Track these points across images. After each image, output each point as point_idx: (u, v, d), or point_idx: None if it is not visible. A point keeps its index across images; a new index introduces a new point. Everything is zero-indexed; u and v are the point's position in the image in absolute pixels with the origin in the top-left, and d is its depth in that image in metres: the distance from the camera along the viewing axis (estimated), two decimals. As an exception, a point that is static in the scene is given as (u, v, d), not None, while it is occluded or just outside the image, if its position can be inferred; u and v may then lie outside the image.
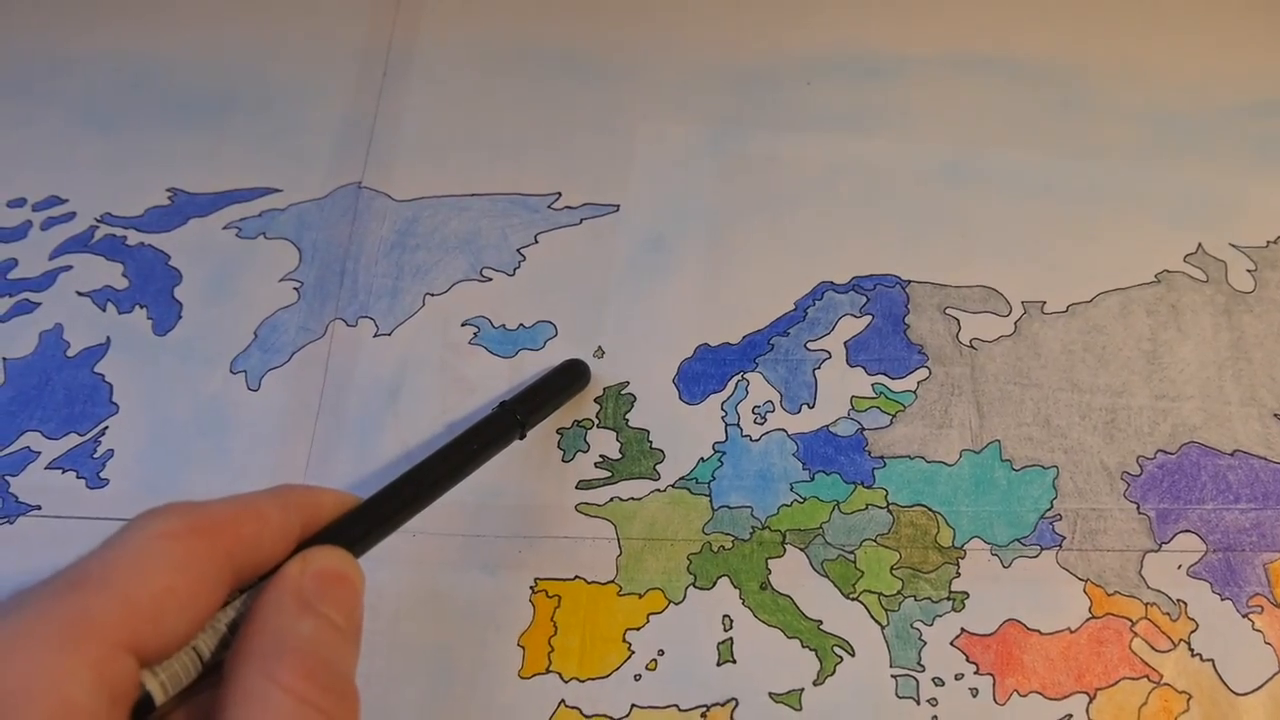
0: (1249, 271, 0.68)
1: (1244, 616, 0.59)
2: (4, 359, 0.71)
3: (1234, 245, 0.69)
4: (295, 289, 0.71)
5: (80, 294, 0.73)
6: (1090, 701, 0.57)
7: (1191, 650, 0.58)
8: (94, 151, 0.78)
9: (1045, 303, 0.68)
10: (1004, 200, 0.71)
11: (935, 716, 0.57)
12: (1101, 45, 0.78)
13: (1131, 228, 0.70)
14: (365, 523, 0.42)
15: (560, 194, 0.73)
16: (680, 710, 0.59)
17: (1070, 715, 0.57)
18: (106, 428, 0.68)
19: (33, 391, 0.69)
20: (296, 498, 0.38)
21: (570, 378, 0.65)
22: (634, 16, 0.81)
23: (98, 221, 0.75)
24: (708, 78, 0.78)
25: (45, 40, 0.83)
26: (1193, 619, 0.59)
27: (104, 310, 0.72)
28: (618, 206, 0.72)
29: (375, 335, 0.69)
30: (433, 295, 0.70)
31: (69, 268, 0.74)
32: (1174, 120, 0.75)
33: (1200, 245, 0.69)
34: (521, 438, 0.60)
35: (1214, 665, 0.58)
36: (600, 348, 0.68)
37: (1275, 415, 0.64)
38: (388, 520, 0.45)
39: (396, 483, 0.49)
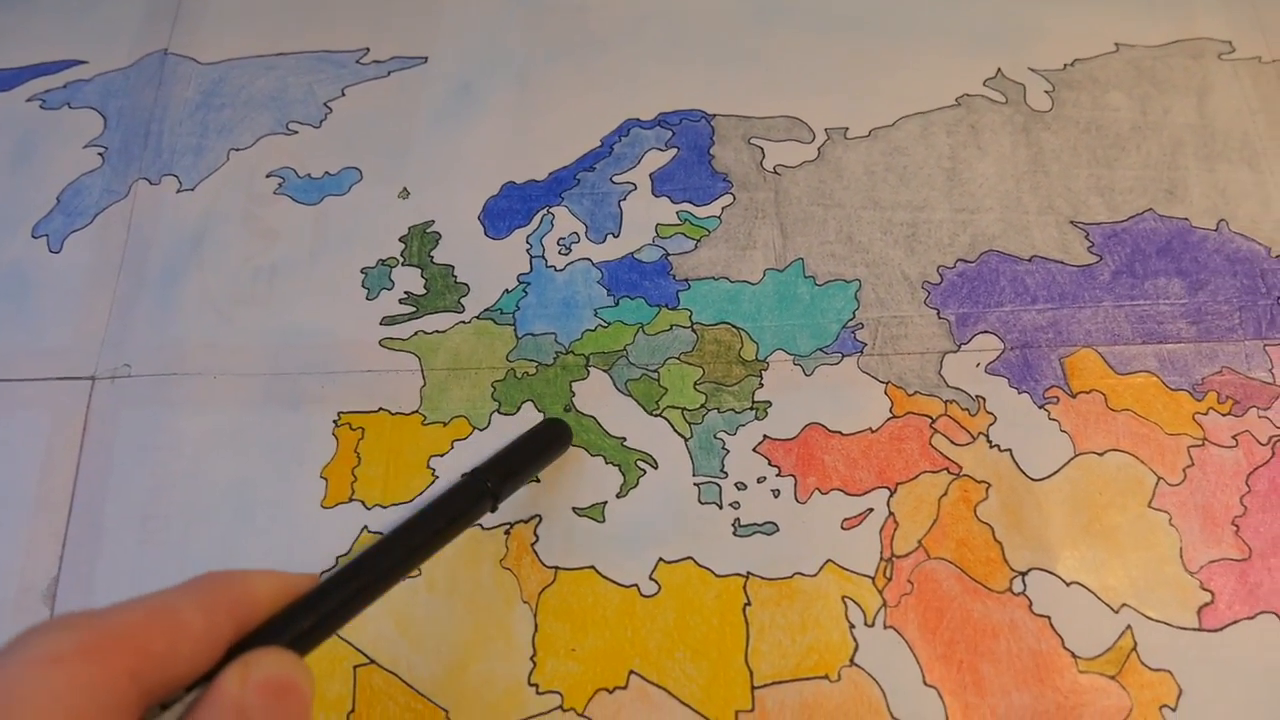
0: (1046, 93, 0.70)
1: (1040, 408, 0.60)
2: None
3: (1032, 69, 0.70)
4: (99, 154, 0.70)
5: (-124, 171, 0.71)
6: (891, 495, 0.58)
7: (990, 442, 0.59)
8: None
9: (848, 129, 0.68)
10: (808, 35, 0.72)
11: (738, 518, 0.58)
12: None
13: (932, 55, 0.71)
14: (314, 614, 0.34)
15: (368, 49, 0.73)
16: (484, 529, 0.58)
17: (871, 509, 0.58)
18: (-98, 297, 0.66)
19: None
20: (222, 591, 0.31)
21: (548, 439, 0.57)
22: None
23: (-106, 100, 0.73)
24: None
25: None
26: (991, 413, 0.60)
27: (-100, 186, 0.70)
28: (426, 58, 0.72)
29: (179, 191, 0.68)
30: (237, 150, 0.69)
31: None
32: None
33: (1000, 70, 0.70)
34: (493, 510, 0.51)
35: (1012, 455, 0.59)
36: (405, 189, 0.67)
37: (1071, 222, 0.65)
38: (340, 610, 0.36)
39: (351, 566, 0.39)
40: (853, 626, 0.55)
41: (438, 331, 0.62)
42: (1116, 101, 0.69)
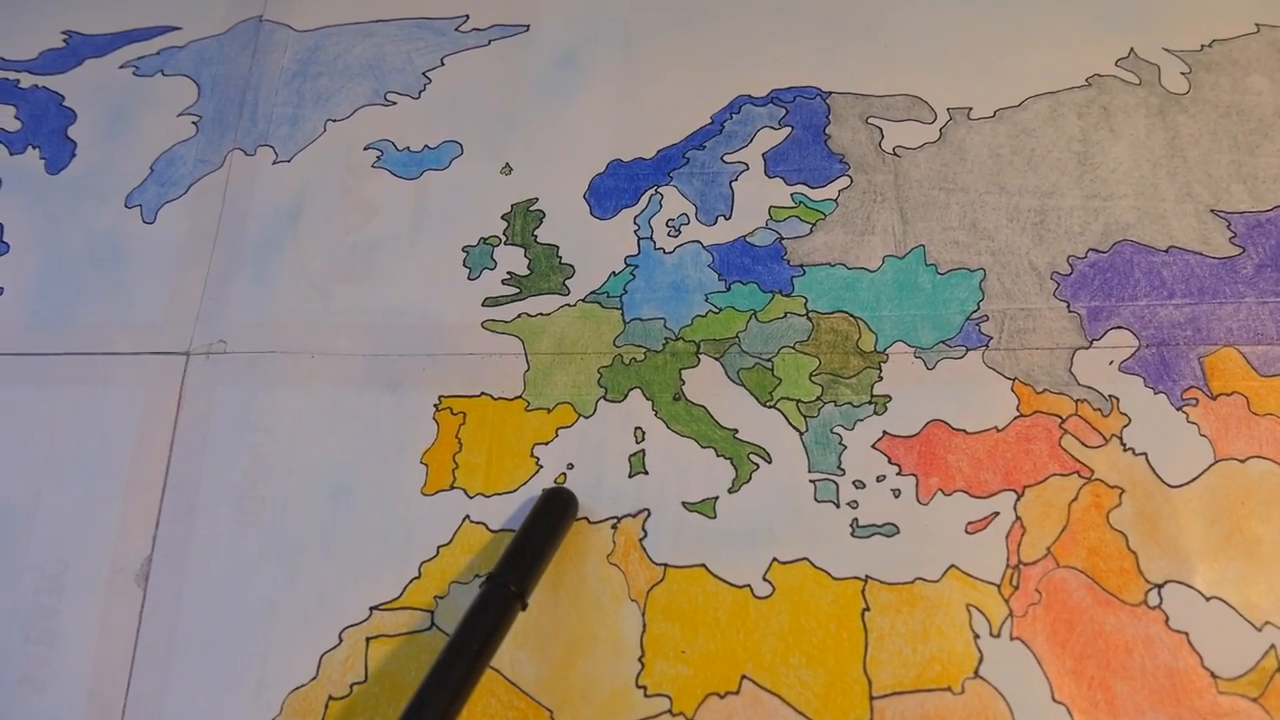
0: (1183, 74, 0.66)
1: (1178, 410, 0.57)
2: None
3: (1167, 49, 0.67)
4: (193, 123, 0.69)
5: (-31, 136, 0.70)
6: (1018, 499, 0.55)
7: (1124, 445, 0.56)
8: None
9: (972, 109, 0.65)
10: (930, 9, 0.69)
11: (856, 519, 0.55)
12: None
13: (1061, 33, 0.67)
14: None
15: (468, 16, 0.70)
16: (590, 523, 0.56)
17: (997, 513, 0.55)
18: (-5, 262, 0.65)
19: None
20: None
21: (555, 515, 0.54)
22: None
23: (-12, 64, 0.72)
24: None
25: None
26: (1125, 414, 0.57)
27: (-8, 152, 0.69)
28: (528, 27, 0.70)
29: (274, 163, 0.67)
30: (334, 121, 0.68)
31: (-43, 111, 0.70)
32: (1109, -71, 0.71)
33: (1132, 50, 0.67)
34: (524, 608, 0.51)
35: (1147, 459, 0.56)
36: (508, 164, 0.65)
37: (1211, 211, 0.61)
38: None
39: (410, 710, 0.44)
40: (977, 636, 0.52)
41: (542, 314, 0.60)
42: (1258, 85, 0.65)
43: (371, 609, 0.55)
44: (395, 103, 0.67)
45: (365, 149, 0.66)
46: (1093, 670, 0.52)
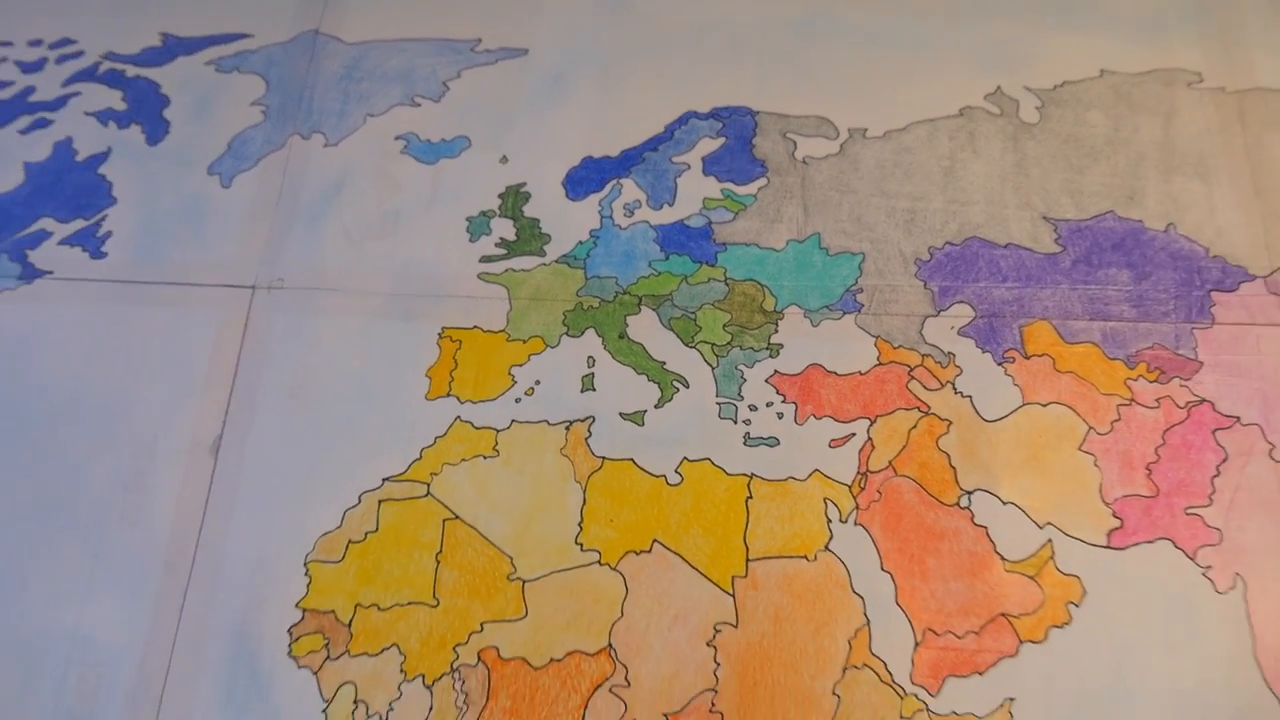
0: (1037, 108, 0.84)
1: (999, 365, 0.75)
2: (24, 162, 0.87)
3: (1027, 88, 0.85)
4: (262, 111, 0.88)
5: (87, 114, 0.89)
6: (871, 425, 0.74)
7: (955, 389, 0.74)
8: (99, 2, 0.94)
9: (867, 129, 0.84)
10: (840, 49, 0.87)
11: (748, 432, 0.74)
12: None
13: (943, 72, 0.86)
14: None
15: (480, 39, 0.90)
16: (549, 424, 0.75)
17: (854, 434, 0.74)
18: (106, 215, 0.85)
19: (47, 187, 0.86)
20: None
21: None
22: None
23: (102, 59, 0.92)
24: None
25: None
26: (959, 366, 0.75)
27: (106, 127, 0.89)
28: (527, 50, 0.89)
29: (325, 146, 0.86)
30: (372, 116, 0.87)
31: (78, 94, 0.90)
32: (993, -9, 0.90)
33: (999, 87, 0.85)
34: None
35: (971, 401, 0.74)
36: (505, 156, 0.84)
37: (1044, 218, 0.80)
38: None
39: None
40: (830, 521, 0.71)
41: (523, 270, 0.79)
42: (1095, 119, 0.84)
43: (384, 479, 0.74)
44: (420, 104, 0.87)
45: (395, 139, 0.85)
46: (913, 550, 0.70)
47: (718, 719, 0.66)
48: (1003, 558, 0.70)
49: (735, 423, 0.74)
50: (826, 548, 0.70)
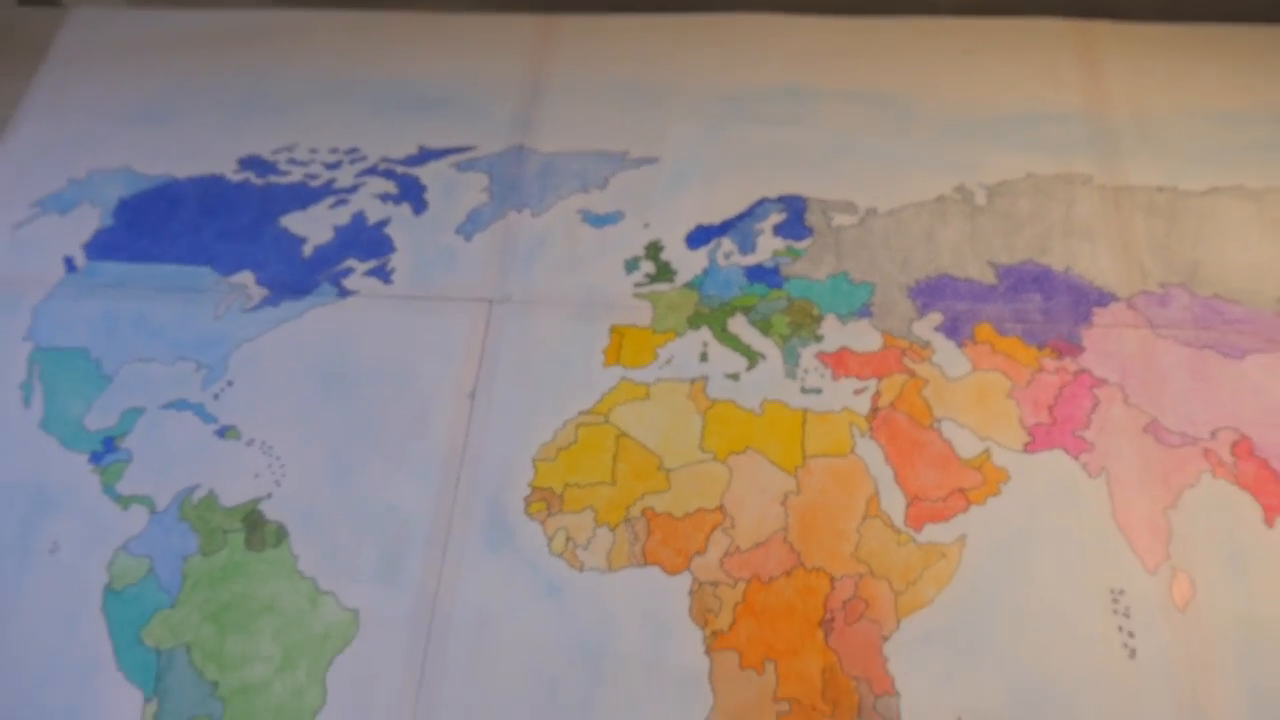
0: (985, 197, 1.35)
1: (959, 348, 1.24)
2: (334, 225, 1.39)
3: (980, 184, 1.36)
4: (488, 194, 1.40)
5: (373, 195, 1.42)
6: (879, 382, 1.22)
7: (931, 363, 1.23)
8: (376, 125, 1.48)
9: (877, 209, 1.35)
10: (862, 160, 1.38)
11: (803, 384, 1.22)
12: (919, 78, 1.46)
13: (927, 175, 1.37)
14: None
15: (628, 150, 1.42)
16: (680, 380, 1.25)
17: (867, 387, 1.22)
18: (390, 258, 1.35)
19: (350, 240, 1.36)
20: None
21: None
22: (675, 54, 1.50)
23: (379, 161, 1.44)
24: (717, 101, 1.46)
25: (338, 70, 1.53)
26: (934, 349, 1.24)
27: (385, 204, 1.41)
28: (658, 158, 1.40)
29: (532, 216, 1.37)
30: (560, 198, 1.38)
31: (365, 183, 1.42)
32: (960, 123, 1.42)
33: (962, 183, 1.36)
34: None
35: (941, 369, 1.22)
36: (647, 223, 1.34)
37: (988, 263, 1.30)
38: None
39: None
40: (854, 437, 1.19)
41: (661, 291, 1.29)
42: (1023, 204, 1.34)
43: (579, 412, 1.22)
44: (590, 192, 1.38)
45: (576, 212, 1.36)
46: (904, 451, 1.18)
47: (788, 547, 1.14)
48: (960, 457, 1.17)
49: (794, 379, 1.22)
50: (853, 451, 1.18)
